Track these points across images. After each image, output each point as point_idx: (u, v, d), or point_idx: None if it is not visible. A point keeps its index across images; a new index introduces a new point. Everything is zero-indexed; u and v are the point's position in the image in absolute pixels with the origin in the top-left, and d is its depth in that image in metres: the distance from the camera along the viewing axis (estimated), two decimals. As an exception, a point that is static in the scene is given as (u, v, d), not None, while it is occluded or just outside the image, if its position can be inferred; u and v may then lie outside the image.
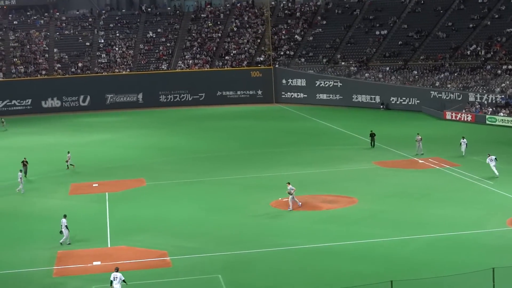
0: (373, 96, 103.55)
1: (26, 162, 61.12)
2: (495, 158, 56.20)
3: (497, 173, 55.56)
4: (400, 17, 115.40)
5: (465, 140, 64.60)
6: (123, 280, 33.00)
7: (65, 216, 42.69)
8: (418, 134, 66.88)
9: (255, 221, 46.22)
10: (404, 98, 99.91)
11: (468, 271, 34.36)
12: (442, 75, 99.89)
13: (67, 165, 64.94)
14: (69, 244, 42.25)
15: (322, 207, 49.38)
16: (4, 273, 37.90)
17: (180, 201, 52.40)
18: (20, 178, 56.67)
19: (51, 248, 41.48)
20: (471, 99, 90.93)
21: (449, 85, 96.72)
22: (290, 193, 47.99)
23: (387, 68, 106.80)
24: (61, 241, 42.35)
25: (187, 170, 63.53)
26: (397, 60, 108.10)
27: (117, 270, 33.64)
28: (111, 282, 33.08)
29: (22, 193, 56.25)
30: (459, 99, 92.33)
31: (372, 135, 70.38)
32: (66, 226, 42.19)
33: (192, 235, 43.52)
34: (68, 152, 66.23)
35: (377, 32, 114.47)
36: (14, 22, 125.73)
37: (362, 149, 70.28)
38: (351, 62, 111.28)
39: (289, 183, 48.52)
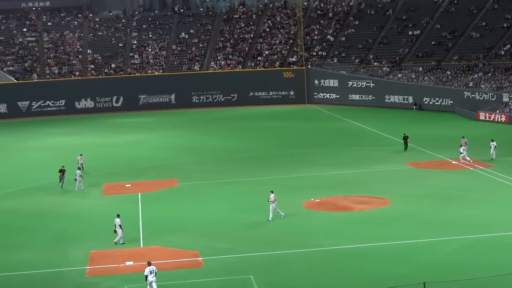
0: (405, 97, 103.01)
1: (64, 170, 59.63)
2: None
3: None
4: (433, 17, 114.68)
5: (494, 143, 63.73)
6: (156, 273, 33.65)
7: (118, 216, 42.99)
8: (463, 137, 65.51)
9: (287, 222, 46.13)
10: (437, 99, 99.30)
11: (503, 273, 34.06)
12: (476, 76, 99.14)
13: (78, 167, 64.50)
14: (122, 243, 42.45)
15: (354, 208, 49.21)
16: (39, 272, 38.23)
17: (212, 201, 52.46)
18: (79, 175, 57.71)
19: (84, 248, 41.75)
20: (505, 99, 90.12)
21: (482, 86, 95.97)
22: (272, 201, 46.67)
23: (420, 69, 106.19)
24: (115, 240, 42.65)
25: (219, 171, 63.60)
26: (430, 60, 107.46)
27: (150, 264, 33.93)
28: (146, 277, 33.31)
29: (82, 189, 57.46)
30: (493, 99, 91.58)
31: (405, 138, 69.13)
32: (120, 225, 42.48)
33: (225, 236, 43.56)
34: (81, 154, 65.63)
35: (410, 32, 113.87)
36: (48, 24, 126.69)
37: (394, 150, 69.89)
38: (383, 63, 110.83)
39: (272, 192, 47.15)
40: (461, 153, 62.26)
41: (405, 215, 46.74)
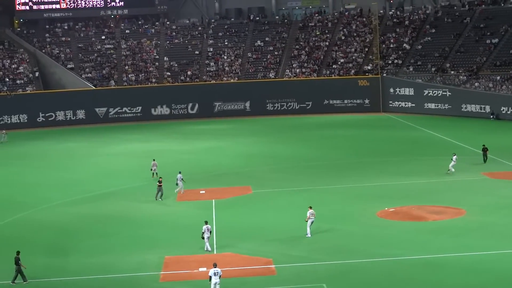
0: (483, 106, 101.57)
1: (161, 183, 57.98)
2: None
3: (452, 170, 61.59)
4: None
5: None
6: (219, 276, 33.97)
7: (206, 223, 43.32)
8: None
9: (361, 231, 45.96)
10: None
11: None
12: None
13: (152, 173, 65.26)
14: (209, 251, 42.64)
15: (428, 218, 48.77)
16: (113, 276, 38.82)
17: (286, 209, 52.53)
18: (181, 179, 58.49)
19: (158, 253, 42.22)
20: None
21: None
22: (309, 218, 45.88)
23: (498, 77, 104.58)
24: (205, 248, 42.80)
25: (293, 179, 63.65)
26: (508, 69, 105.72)
27: (215, 266, 34.27)
28: (210, 277, 33.69)
29: (182, 193, 58.05)
30: None
31: (485, 150, 66.98)
32: (210, 231, 42.84)
33: (298, 244, 43.60)
34: (154, 160, 66.52)
35: (488, 41, 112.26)
36: (126, 31, 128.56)
37: (470, 160, 68.90)
38: (460, 71, 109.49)
39: (310, 207, 46.22)
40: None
41: (480, 226, 46.11)
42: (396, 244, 42.89)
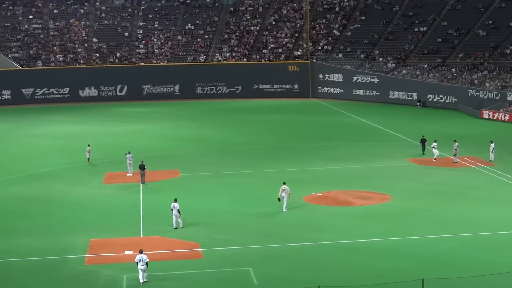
0: (410, 93, 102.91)
1: (144, 165, 56.53)
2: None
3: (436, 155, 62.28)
4: (440, 14, 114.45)
5: (493, 145, 62.63)
6: (146, 263, 33.94)
7: (175, 200, 43.44)
8: (455, 141, 64.52)
9: (287, 215, 46.16)
10: (441, 96, 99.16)
11: (502, 271, 34.06)
12: (481, 74, 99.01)
13: (88, 158, 64.53)
14: (182, 227, 42.96)
15: (355, 203, 49.23)
16: (40, 259, 38.32)
17: (214, 193, 52.49)
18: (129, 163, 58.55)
19: (84, 236, 41.79)
20: (510, 98, 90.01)
21: (487, 84, 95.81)
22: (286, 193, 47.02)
23: (425, 65, 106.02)
24: (174, 226, 43.08)
25: (221, 163, 63.63)
26: (435, 57, 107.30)
27: (141, 252, 34.21)
28: (137, 263, 33.64)
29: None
30: (497, 98, 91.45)
31: (423, 141, 66.42)
32: (178, 210, 42.94)
33: (224, 227, 43.60)
34: (89, 145, 65.70)
35: (416, 29, 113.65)
36: (55, 11, 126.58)
37: (397, 146, 69.86)
38: (389, 59, 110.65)
39: (284, 183, 47.44)
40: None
41: (405, 211, 46.74)
42: (322, 228, 43.18)
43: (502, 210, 46.72)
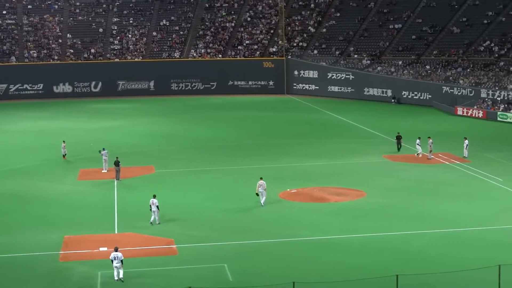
0: (384, 90, 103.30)
1: (119, 162, 56.26)
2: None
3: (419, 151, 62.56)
4: (415, 11, 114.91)
5: (467, 141, 62.94)
6: (121, 260, 33.91)
7: (154, 196, 43.48)
8: (429, 137, 64.61)
9: (262, 211, 46.20)
10: (416, 93, 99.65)
11: (475, 267, 34.27)
12: (455, 71, 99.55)
13: (63, 155, 64.20)
14: (158, 223, 42.96)
15: (330, 199, 49.35)
16: (12, 256, 38.08)
17: (189, 189, 52.46)
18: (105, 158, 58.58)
19: (58, 233, 41.58)
20: (483, 95, 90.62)
21: (461, 81, 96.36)
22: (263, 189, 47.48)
23: (400, 62, 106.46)
24: (151, 220, 43.11)
25: (196, 159, 63.57)
26: (410, 54, 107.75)
27: (116, 250, 34.10)
28: (112, 261, 33.59)
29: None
30: (471, 95, 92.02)
31: (399, 138, 66.23)
32: (157, 206, 43.04)
33: (200, 224, 43.57)
34: (64, 142, 65.05)
35: (391, 26, 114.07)
36: (29, 7, 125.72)
37: (372, 143, 70.13)
38: (364, 55, 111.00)
39: (261, 178, 48.05)
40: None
41: (380, 207, 46.93)
42: (297, 224, 43.25)
43: (475, 206, 47.05)
